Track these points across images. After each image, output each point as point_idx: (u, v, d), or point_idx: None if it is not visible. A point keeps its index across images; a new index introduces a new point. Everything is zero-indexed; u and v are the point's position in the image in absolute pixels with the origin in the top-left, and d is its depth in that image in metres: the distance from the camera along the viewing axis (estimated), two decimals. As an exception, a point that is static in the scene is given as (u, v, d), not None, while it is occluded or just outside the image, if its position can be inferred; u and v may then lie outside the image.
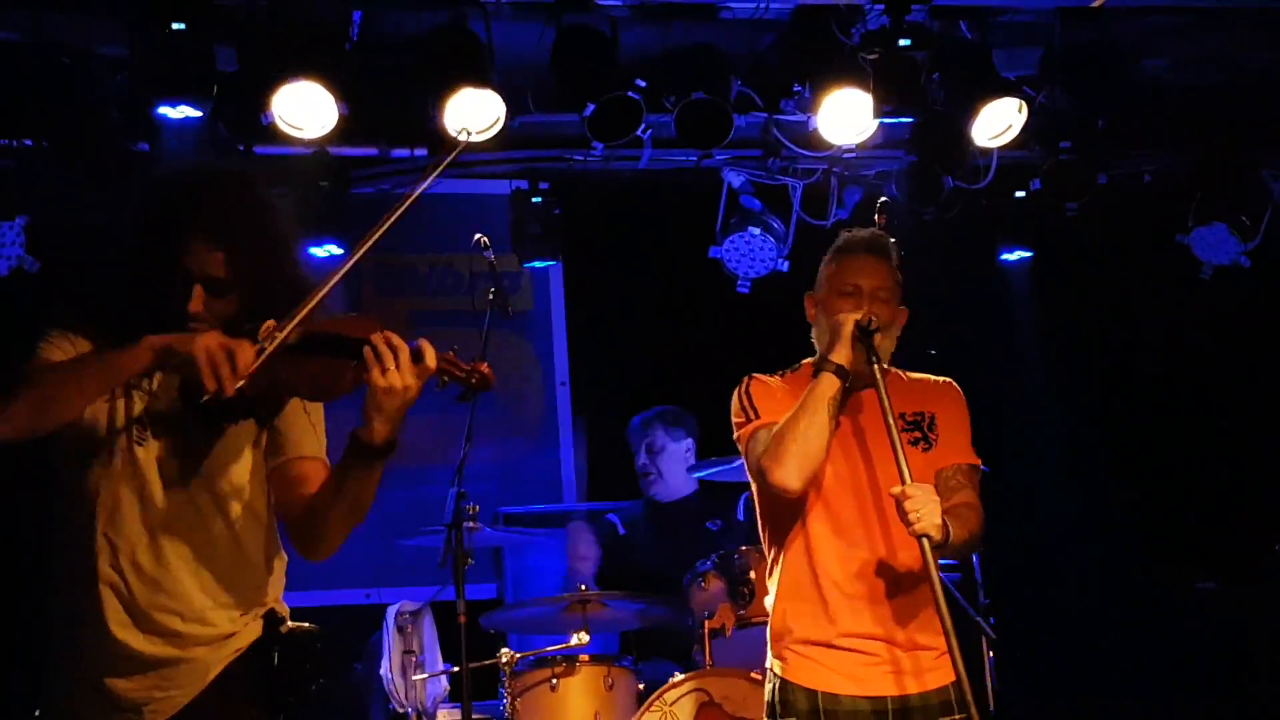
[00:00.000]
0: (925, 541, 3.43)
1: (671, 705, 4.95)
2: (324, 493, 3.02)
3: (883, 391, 3.55)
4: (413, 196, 3.02)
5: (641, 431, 6.19)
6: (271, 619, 3.07)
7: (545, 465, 7.30)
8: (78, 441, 2.98)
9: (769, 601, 3.81)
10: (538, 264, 6.63)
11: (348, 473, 2.95)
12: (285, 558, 3.18)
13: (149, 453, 2.99)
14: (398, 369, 2.82)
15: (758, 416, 3.73)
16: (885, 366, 3.63)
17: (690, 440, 6.14)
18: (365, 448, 2.90)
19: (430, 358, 2.86)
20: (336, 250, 6.04)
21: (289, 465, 3.07)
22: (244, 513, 3.06)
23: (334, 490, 2.99)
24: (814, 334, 3.80)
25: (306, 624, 3.09)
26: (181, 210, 2.96)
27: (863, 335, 3.60)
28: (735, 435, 3.80)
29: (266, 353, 2.80)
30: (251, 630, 3.06)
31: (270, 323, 2.85)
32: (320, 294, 2.88)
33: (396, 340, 2.85)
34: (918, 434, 3.73)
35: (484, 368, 2.93)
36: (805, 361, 3.83)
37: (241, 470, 3.06)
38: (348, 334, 2.88)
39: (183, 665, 2.99)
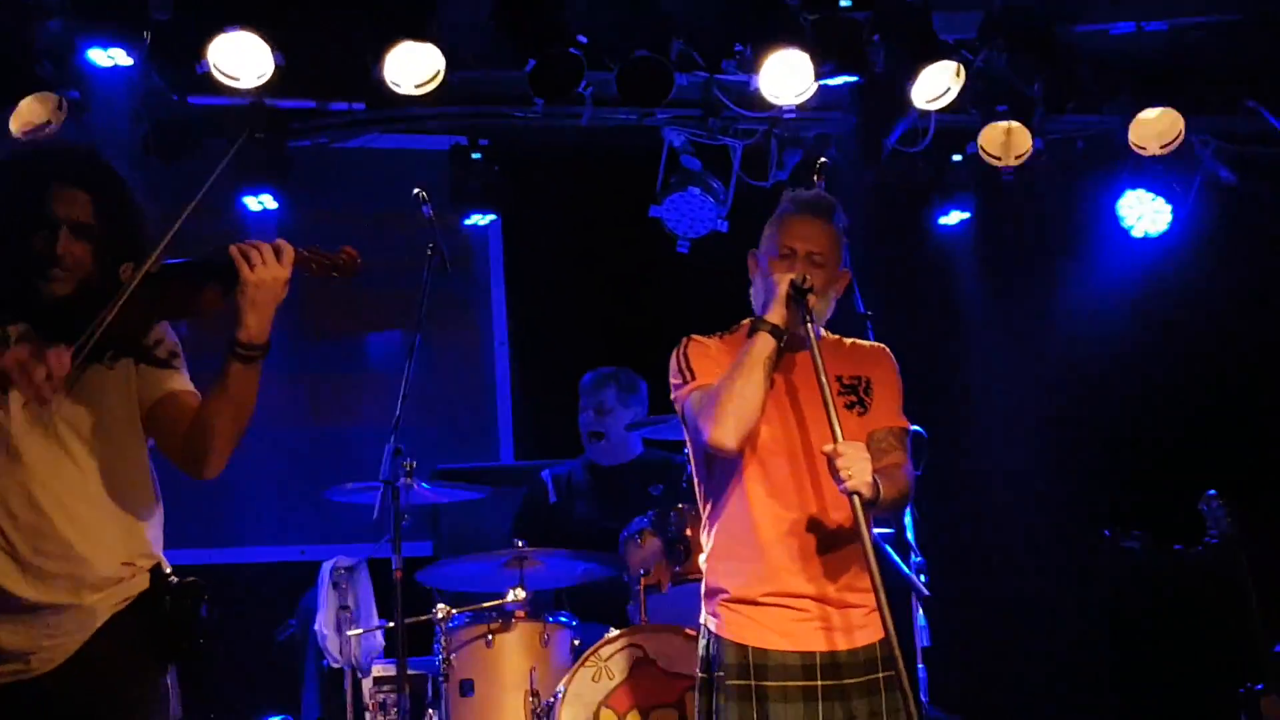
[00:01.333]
0: (856, 499, 3.47)
1: (606, 661, 4.97)
2: (205, 405, 3.12)
3: (816, 352, 3.57)
4: (206, 186, 3.12)
5: (593, 390, 6.12)
6: (157, 571, 3.16)
7: (482, 423, 7.29)
8: None
9: (703, 559, 3.84)
10: (477, 221, 6.60)
11: (229, 378, 3.07)
12: (161, 511, 3.26)
13: (12, 408, 3.04)
14: (264, 263, 3.01)
15: (694, 378, 3.75)
16: (821, 330, 3.66)
17: (642, 410, 6.11)
18: (243, 346, 3.05)
19: (288, 247, 3.05)
20: (272, 203, 5.99)
21: (163, 402, 3.18)
22: (117, 455, 3.13)
23: (215, 399, 3.10)
24: (751, 293, 3.82)
25: (191, 577, 3.17)
26: (45, 161, 3.16)
27: (797, 295, 3.62)
28: (672, 396, 3.82)
29: (130, 288, 2.96)
30: (139, 582, 3.13)
31: (129, 264, 3.02)
32: (171, 232, 3.04)
33: (255, 243, 3.05)
34: (853, 398, 3.76)
35: (349, 250, 3.13)
36: (744, 322, 3.85)
37: (111, 412, 3.13)
38: (203, 260, 3.09)
39: (70, 611, 3.04)
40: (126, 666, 3.06)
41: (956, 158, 6.61)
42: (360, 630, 5.47)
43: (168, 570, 3.18)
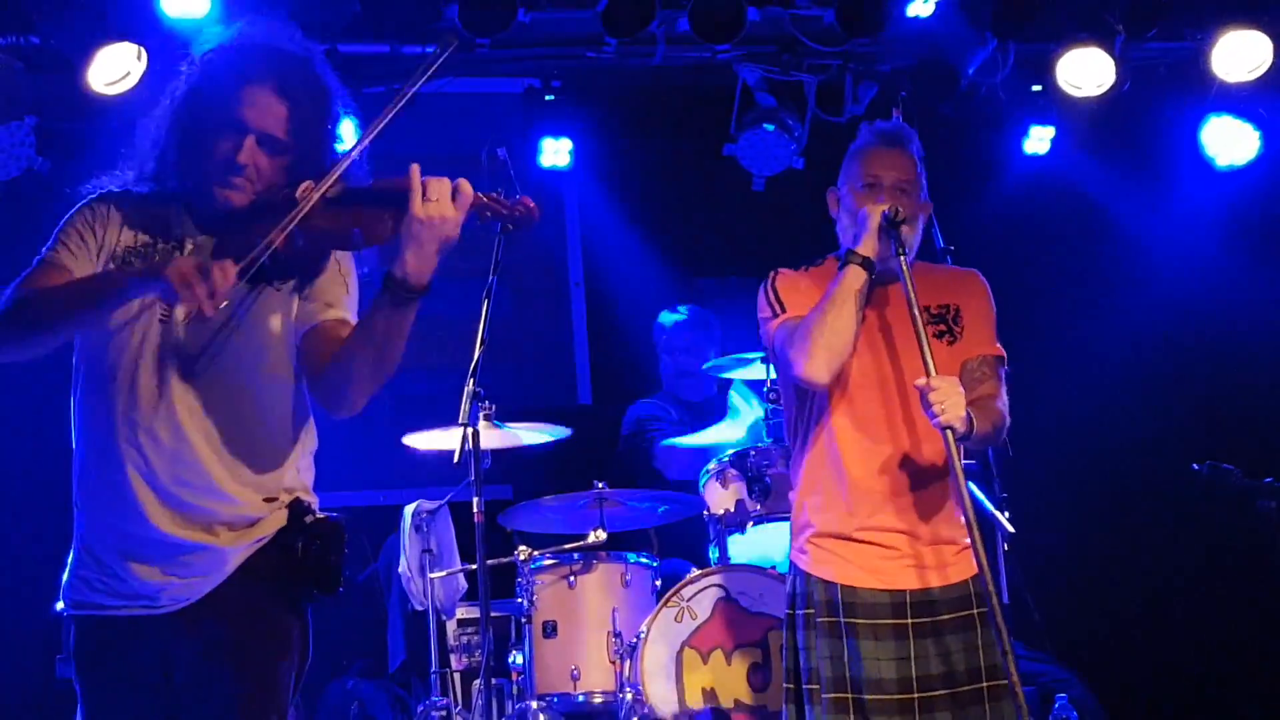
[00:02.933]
0: (949, 434, 3.43)
1: (689, 601, 4.98)
2: (351, 340, 2.95)
3: (909, 283, 3.53)
4: (417, 85, 2.97)
5: (677, 328, 6.20)
6: (297, 509, 3.02)
7: (560, 365, 7.30)
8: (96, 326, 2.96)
9: (792, 495, 3.83)
10: (552, 163, 6.58)
11: (377, 315, 2.88)
12: (315, 439, 3.13)
13: (171, 324, 2.95)
14: (438, 199, 2.80)
15: (784, 311, 3.72)
16: (910, 259, 3.61)
17: (716, 349, 6.14)
18: (399, 285, 2.84)
19: (468, 189, 2.83)
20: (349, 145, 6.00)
21: (321, 327, 3.01)
22: (272, 382, 3.00)
23: (362, 336, 2.92)
24: (837, 229, 3.77)
25: (332, 514, 3.04)
26: (251, 58, 2.97)
27: (889, 226, 3.58)
28: (761, 330, 3.79)
29: (303, 210, 2.81)
30: (276, 519, 2.99)
31: (308, 183, 2.86)
32: (355, 150, 2.89)
33: (439, 177, 2.82)
34: (943, 326, 3.72)
35: (527, 201, 2.92)
36: (829, 257, 3.81)
37: (272, 337, 3.00)
38: (383, 186, 2.89)
39: (205, 554, 2.93)
40: (256, 611, 2.95)
41: (1036, 88, 6.48)
42: (443, 573, 5.50)
43: (311, 503, 3.04)
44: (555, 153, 6.45)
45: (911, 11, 5.98)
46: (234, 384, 2.97)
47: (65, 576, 3.04)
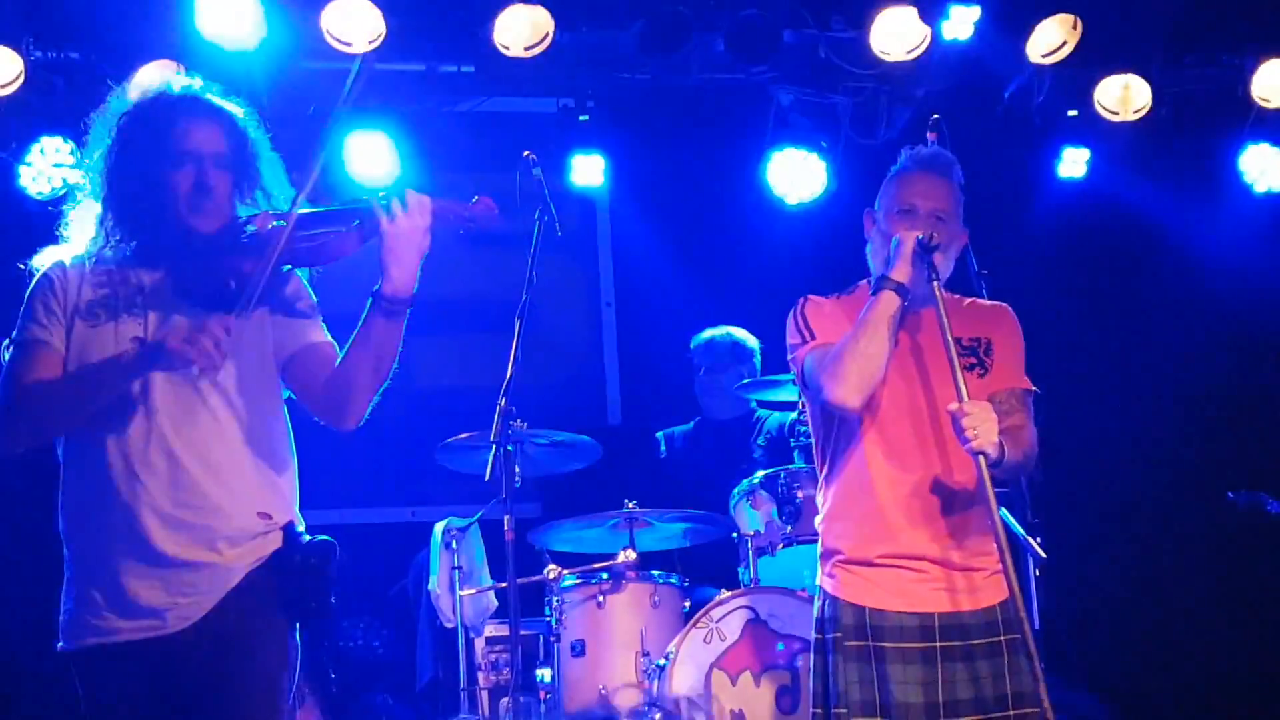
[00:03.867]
0: (982, 459, 3.42)
1: (718, 622, 4.98)
2: (346, 357, 3.16)
3: (942, 310, 3.52)
4: (344, 104, 3.22)
5: (709, 348, 6.20)
6: (291, 529, 3.18)
7: (591, 385, 7.30)
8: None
9: (819, 520, 3.82)
10: (585, 183, 6.59)
11: (371, 331, 3.10)
12: (296, 466, 3.29)
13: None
14: (403, 213, 3.04)
15: (814, 337, 3.72)
16: (943, 287, 3.60)
17: (753, 365, 6.14)
18: (388, 300, 3.08)
19: (425, 199, 3.08)
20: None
21: (303, 353, 3.21)
22: (253, 407, 3.16)
23: (356, 351, 3.13)
24: (869, 252, 3.77)
25: (323, 535, 3.19)
26: (173, 101, 3.20)
27: (923, 253, 3.57)
28: (790, 356, 3.79)
29: (280, 245, 3.03)
30: (273, 540, 3.15)
31: (265, 212, 3.11)
32: (313, 178, 3.10)
33: (393, 196, 3.08)
34: (973, 359, 3.71)
35: (485, 200, 3.16)
36: (862, 283, 3.81)
37: (248, 364, 3.16)
38: (339, 206, 3.14)
39: (208, 569, 3.06)
40: (259, 625, 3.09)
41: (1072, 113, 6.46)
42: (473, 590, 5.51)
43: (301, 528, 3.21)
44: (588, 172, 6.46)
45: (948, 34, 5.97)
46: (219, 409, 3.13)
47: (62, 616, 3.13)
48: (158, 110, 3.19)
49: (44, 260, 3.21)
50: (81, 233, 3.22)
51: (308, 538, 3.17)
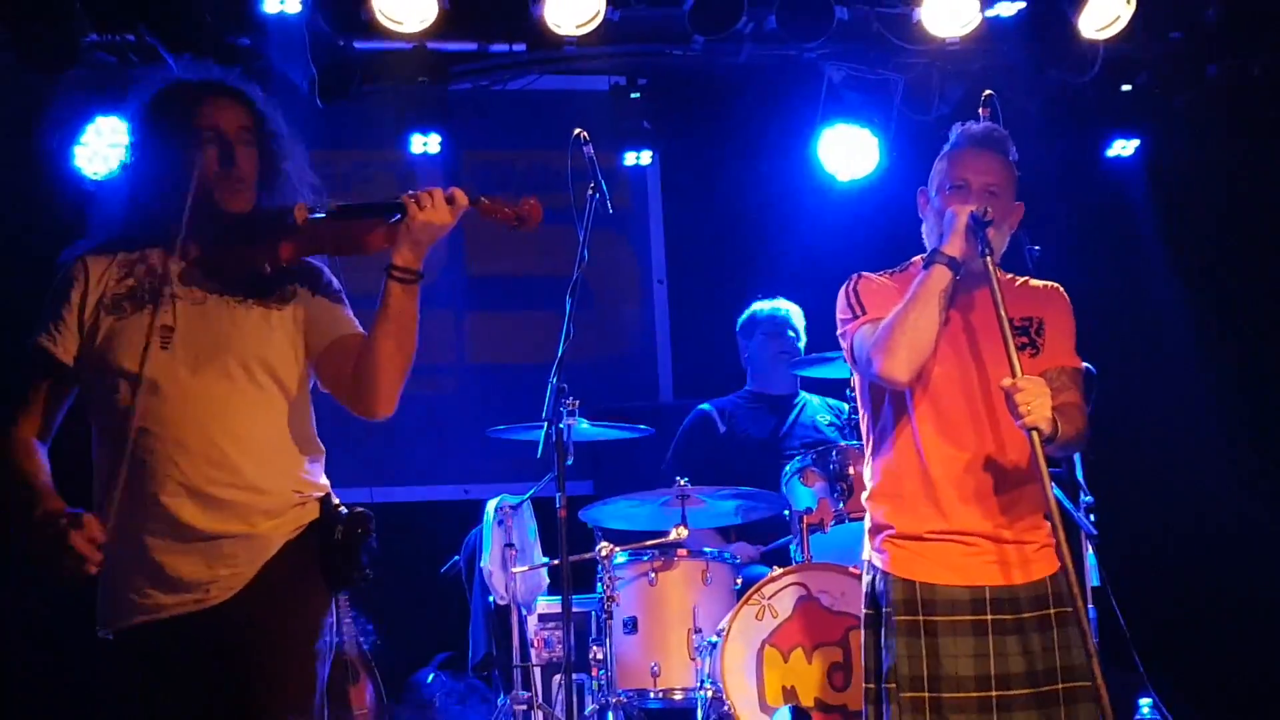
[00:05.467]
0: (1035, 435, 3.41)
1: (770, 599, 4.98)
2: (369, 337, 3.20)
3: (995, 285, 3.50)
4: None
5: (768, 320, 6.16)
6: (328, 501, 3.23)
7: (643, 362, 7.32)
8: (101, 369, 3.13)
9: (865, 496, 3.82)
10: (637, 160, 6.60)
11: (390, 303, 3.15)
12: (323, 454, 3.31)
13: (178, 350, 3.12)
14: (434, 207, 3.12)
15: (865, 312, 3.71)
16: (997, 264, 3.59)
17: (804, 340, 6.14)
18: (403, 270, 3.14)
19: (462, 197, 3.16)
20: (435, 146, 6.09)
21: (334, 346, 3.25)
22: (283, 393, 3.20)
23: (378, 327, 3.18)
24: (924, 229, 3.76)
25: (360, 507, 3.23)
26: (194, 83, 3.26)
27: (976, 227, 3.56)
28: (840, 331, 3.78)
29: (314, 235, 3.13)
30: (310, 510, 3.20)
31: (301, 204, 3.13)
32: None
33: (431, 190, 3.14)
34: (1025, 339, 3.69)
35: (530, 202, 3.22)
36: (915, 259, 3.79)
37: (279, 351, 3.20)
38: (374, 201, 3.20)
39: (245, 540, 3.11)
40: (299, 593, 3.14)
41: (1126, 88, 6.40)
42: (525, 567, 5.54)
43: (336, 501, 3.25)
44: (639, 150, 6.46)
45: (999, 10, 5.93)
46: (250, 391, 3.16)
47: (100, 600, 3.17)
48: (179, 94, 3.24)
49: (70, 254, 3.24)
50: (106, 223, 3.26)
51: (344, 509, 3.22)
